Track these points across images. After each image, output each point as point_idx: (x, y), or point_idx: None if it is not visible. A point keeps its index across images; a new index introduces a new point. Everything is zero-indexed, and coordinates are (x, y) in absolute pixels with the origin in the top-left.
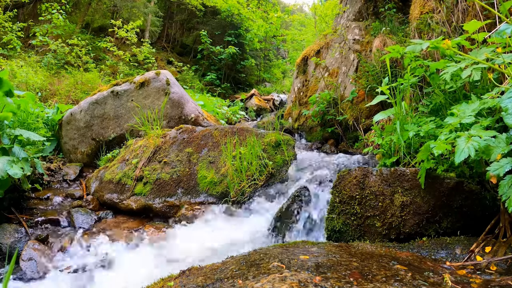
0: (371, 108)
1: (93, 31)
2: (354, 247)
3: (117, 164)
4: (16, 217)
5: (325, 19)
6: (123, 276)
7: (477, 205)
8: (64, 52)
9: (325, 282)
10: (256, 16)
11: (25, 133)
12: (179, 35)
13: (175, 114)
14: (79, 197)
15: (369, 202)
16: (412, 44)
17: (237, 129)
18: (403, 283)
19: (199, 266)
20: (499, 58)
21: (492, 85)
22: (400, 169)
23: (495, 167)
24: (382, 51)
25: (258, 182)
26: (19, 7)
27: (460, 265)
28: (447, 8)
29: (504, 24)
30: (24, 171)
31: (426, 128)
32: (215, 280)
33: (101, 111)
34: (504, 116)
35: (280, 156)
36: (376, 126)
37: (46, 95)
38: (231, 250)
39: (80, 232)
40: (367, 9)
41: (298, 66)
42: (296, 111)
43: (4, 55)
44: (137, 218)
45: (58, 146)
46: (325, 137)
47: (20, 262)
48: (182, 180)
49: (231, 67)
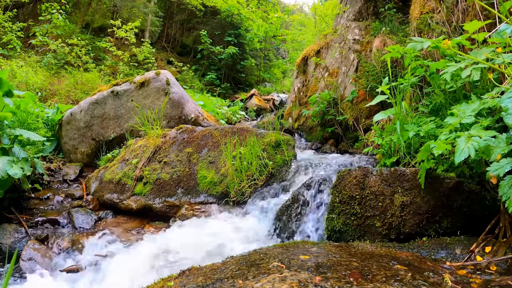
0: (371, 108)
1: (93, 31)
2: (354, 247)
3: (117, 164)
4: (16, 217)
5: (325, 19)
6: (123, 276)
7: (477, 205)
8: (64, 52)
9: (325, 282)
10: (256, 16)
11: (25, 133)
12: (179, 35)
13: (175, 114)
14: (79, 197)
15: (369, 202)
16: (412, 42)
17: (237, 129)
18: (403, 283)
19: (199, 266)
20: (499, 58)
21: (492, 85)
22: (400, 169)
23: (495, 167)
24: (382, 51)
25: (258, 182)
26: (19, 7)
27: (460, 265)
28: (447, 8)
29: (504, 24)
30: (24, 171)
31: (426, 128)
32: (215, 280)
33: (101, 111)
34: (504, 116)
35: (280, 156)
36: (376, 126)
37: (46, 95)
38: (231, 250)
39: (80, 232)
40: (367, 9)
41: (298, 66)
42: (296, 111)
43: (4, 55)
44: (137, 218)
45: (58, 146)
46: (325, 137)
47: (20, 262)
48: (182, 180)
49: (231, 67)
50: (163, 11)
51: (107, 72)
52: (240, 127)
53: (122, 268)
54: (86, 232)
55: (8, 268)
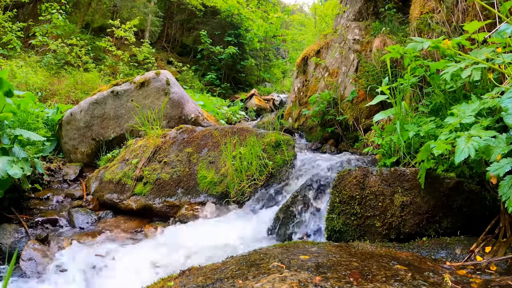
0: (371, 108)
1: (93, 31)
2: (354, 247)
3: (117, 164)
4: (16, 217)
5: (325, 19)
6: (123, 276)
7: (477, 205)
8: (64, 52)
9: (325, 282)
10: (256, 16)
11: (25, 133)
12: (179, 35)
13: (175, 114)
14: (79, 197)
15: (369, 202)
16: (412, 42)
17: (237, 129)
18: (403, 283)
19: (199, 266)
20: (499, 58)
21: (492, 85)
22: (400, 169)
23: (495, 167)
24: (382, 51)
25: (258, 182)
26: (19, 7)
27: (460, 265)
28: (447, 8)
29: (504, 24)
30: (24, 171)
31: (426, 128)
32: (215, 280)
33: (101, 111)
34: (504, 116)
35: (280, 156)
36: (376, 126)
37: (46, 95)
38: (231, 250)
39: (80, 232)
40: (367, 9)
41: (298, 66)
42: (296, 111)
43: (4, 55)
44: (137, 218)
45: (58, 146)
46: (325, 137)
47: (20, 262)
48: (182, 180)
49: (231, 67)
50: (163, 11)
51: (107, 72)
52: (240, 127)
53: (122, 268)
54: (86, 232)
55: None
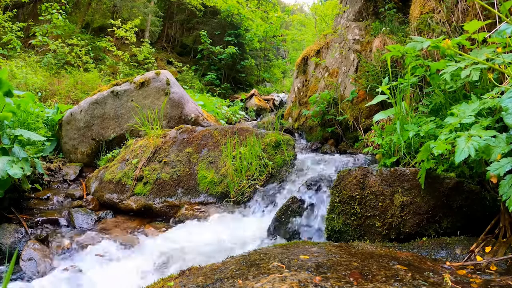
0: (371, 108)
1: (93, 31)
2: (354, 247)
3: (117, 164)
4: (16, 217)
5: (325, 19)
6: (123, 276)
7: (477, 205)
8: (64, 52)
9: (325, 282)
10: (255, 16)
11: (25, 133)
12: (179, 35)
13: (175, 114)
14: (79, 197)
15: (369, 202)
16: (412, 42)
17: (237, 129)
18: (403, 283)
19: (199, 266)
20: (499, 58)
21: (492, 85)
22: (400, 169)
23: (495, 167)
24: (382, 51)
25: (258, 182)
26: (19, 7)
27: (460, 265)
28: (447, 8)
29: (504, 24)
30: (24, 171)
31: (426, 128)
32: (215, 280)
33: (101, 111)
34: (504, 116)
35: (280, 156)
36: (376, 126)
37: (46, 95)
38: (231, 250)
39: (80, 232)
40: (367, 9)
41: (298, 66)
42: (296, 111)
43: (4, 55)
44: (137, 218)
45: (58, 146)
46: (325, 137)
47: (20, 262)
48: (182, 180)
49: (231, 67)
50: (163, 11)
51: (107, 72)
52: (240, 127)
53: (122, 268)
54: (86, 232)
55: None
